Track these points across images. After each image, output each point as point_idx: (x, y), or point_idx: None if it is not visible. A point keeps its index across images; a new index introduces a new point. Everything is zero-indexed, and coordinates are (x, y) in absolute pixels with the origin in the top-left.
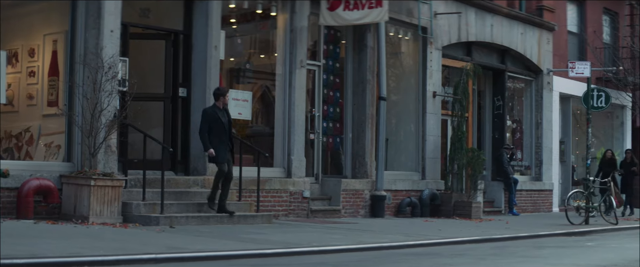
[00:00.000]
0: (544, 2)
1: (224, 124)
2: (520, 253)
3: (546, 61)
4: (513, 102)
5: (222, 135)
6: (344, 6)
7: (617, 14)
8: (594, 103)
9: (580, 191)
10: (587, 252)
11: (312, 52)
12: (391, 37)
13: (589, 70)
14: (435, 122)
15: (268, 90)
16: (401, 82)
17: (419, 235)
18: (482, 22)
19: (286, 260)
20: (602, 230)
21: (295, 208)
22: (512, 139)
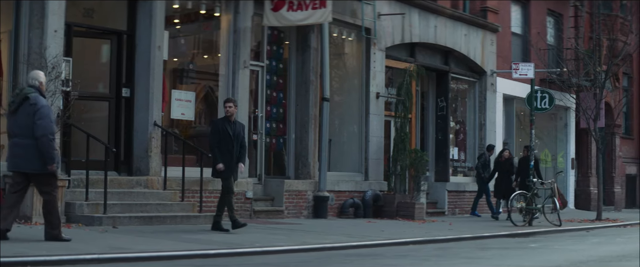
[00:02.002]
0: (487, 4)
1: (230, 136)
2: (464, 254)
3: (490, 62)
4: (456, 104)
5: (229, 147)
6: (287, 7)
7: (561, 16)
8: (538, 104)
9: (524, 193)
10: (530, 254)
11: (256, 53)
12: (335, 38)
13: (532, 72)
14: (378, 123)
15: (211, 90)
16: (344, 83)
17: (361, 236)
18: (426, 23)
19: (229, 260)
20: (546, 231)
21: (238, 209)
22: (455, 140)
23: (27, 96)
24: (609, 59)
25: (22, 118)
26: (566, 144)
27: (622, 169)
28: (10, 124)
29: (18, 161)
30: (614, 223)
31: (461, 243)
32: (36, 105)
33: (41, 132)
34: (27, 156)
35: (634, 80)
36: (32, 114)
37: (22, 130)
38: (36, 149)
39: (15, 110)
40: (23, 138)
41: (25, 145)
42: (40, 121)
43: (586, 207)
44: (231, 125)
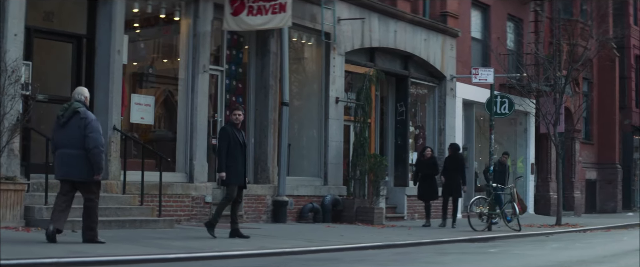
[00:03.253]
0: (447, 8)
1: (239, 143)
2: (423, 259)
3: (449, 67)
4: (416, 108)
5: (237, 154)
6: (247, 11)
7: (521, 21)
8: (497, 109)
9: (483, 197)
10: (489, 259)
11: (215, 57)
12: (294, 43)
13: (492, 77)
14: (337, 128)
15: (171, 94)
16: (304, 88)
17: (321, 240)
18: (386, 27)
19: (188, 265)
20: (505, 236)
21: (197, 213)
22: (414, 145)
23: (77, 110)
24: (569, 64)
25: (73, 131)
26: (526, 149)
27: (581, 174)
28: (59, 136)
29: (67, 170)
30: (574, 228)
31: (420, 248)
32: (87, 120)
33: (93, 144)
34: (76, 165)
35: (594, 85)
36: (82, 127)
37: (71, 142)
38: (84, 159)
39: (65, 123)
40: (72, 149)
41: (75, 155)
42: (92, 134)
43: (546, 212)
44: (239, 133)
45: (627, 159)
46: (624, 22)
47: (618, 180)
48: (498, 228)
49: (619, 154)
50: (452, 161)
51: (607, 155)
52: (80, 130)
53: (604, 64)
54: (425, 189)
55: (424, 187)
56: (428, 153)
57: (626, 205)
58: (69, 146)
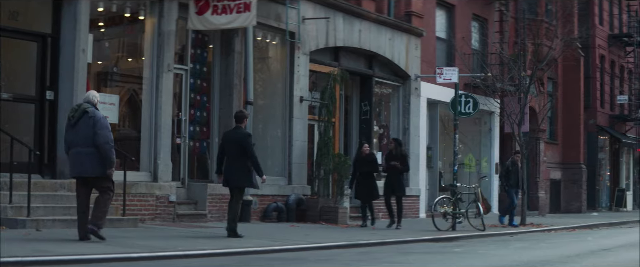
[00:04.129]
0: (412, 8)
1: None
2: (386, 259)
3: (414, 67)
4: (380, 108)
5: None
6: (212, 10)
7: (486, 20)
8: (462, 109)
9: (447, 197)
10: (453, 258)
11: (180, 56)
12: (259, 42)
13: (456, 76)
14: (302, 127)
15: (135, 94)
16: (268, 87)
17: (285, 240)
18: (350, 27)
19: (152, 264)
20: (470, 236)
21: (161, 212)
22: (378, 145)
23: (86, 110)
24: (533, 64)
25: (83, 130)
26: (490, 149)
27: (546, 174)
28: (71, 136)
29: (80, 168)
30: (538, 228)
31: (384, 247)
32: (95, 118)
33: (103, 140)
34: (89, 162)
35: (559, 85)
36: (92, 125)
37: (83, 141)
38: (95, 156)
39: (75, 123)
40: (85, 147)
41: (87, 153)
42: (101, 131)
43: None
44: None
45: (592, 159)
46: (589, 22)
47: (583, 180)
48: (462, 228)
49: (583, 154)
50: (395, 157)
51: (571, 155)
52: (90, 129)
53: (569, 64)
54: (363, 189)
55: (361, 187)
56: (366, 149)
57: (591, 205)
58: (81, 144)
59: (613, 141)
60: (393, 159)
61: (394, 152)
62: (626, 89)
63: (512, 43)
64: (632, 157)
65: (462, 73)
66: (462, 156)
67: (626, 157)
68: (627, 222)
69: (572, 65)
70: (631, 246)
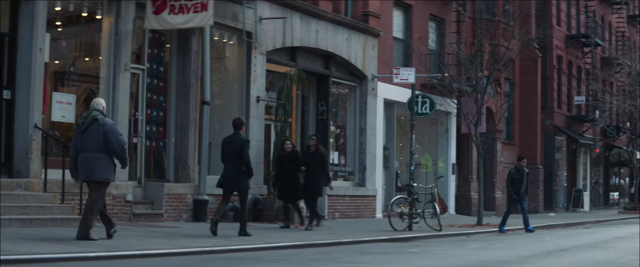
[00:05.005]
0: (369, 8)
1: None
2: (343, 259)
3: (371, 67)
4: (337, 108)
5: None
6: (169, 10)
7: (443, 21)
8: (419, 109)
9: (404, 197)
10: (410, 259)
11: (137, 56)
12: (216, 42)
13: (413, 77)
14: (258, 127)
15: (92, 93)
16: (225, 87)
17: (241, 240)
18: (307, 27)
19: (109, 264)
20: (426, 236)
21: (118, 212)
22: (335, 145)
23: (96, 118)
24: (490, 64)
25: (92, 136)
26: (447, 149)
27: (503, 174)
28: (80, 141)
29: (89, 172)
30: (495, 228)
31: (341, 247)
32: (106, 126)
33: (118, 147)
34: (97, 167)
35: (516, 85)
36: (102, 132)
37: (92, 146)
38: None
39: (85, 130)
40: (93, 152)
41: (95, 158)
42: (114, 139)
43: (467, 212)
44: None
45: (549, 160)
46: (547, 23)
47: (540, 180)
48: (419, 228)
49: (540, 154)
50: (313, 156)
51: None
52: (100, 136)
53: (526, 64)
54: (285, 188)
55: (284, 186)
56: (288, 146)
57: (548, 205)
58: (90, 150)
59: (570, 142)
60: (311, 157)
61: (311, 150)
62: (583, 90)
63: (469, 43)
64: (589, 158)
65: (419, 73)
66: (418, 156)
67: (583, 157)
68: (584, 223)
69: (530, 66)
70: (588, 247)
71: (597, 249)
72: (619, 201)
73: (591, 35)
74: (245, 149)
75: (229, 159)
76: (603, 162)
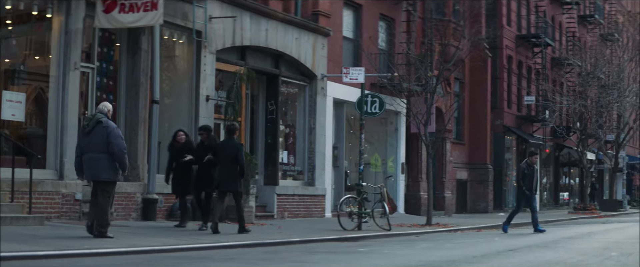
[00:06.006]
0: (319, 8)
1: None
2: (292, 258)
3: (320, 66)
4: (286, 107)
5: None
6: (119, 9)
7: (393, 20)
8: (368, 109)
9: (353, 197)
10: (359, 258)
11: (87, 54)
12: (166, 41)
13: (363, 76)
14: None
15: (42, 91)
16: (175, 86)
17: (190, 239)
18: (257, 26)
19: (58, 262)
20: (375, 236)
21: (67, 210)
22: (285, 144)
23: (100, 120)
24: (440, 64)
25: (97, 138)
26: (396, 149)
27: (452, 174)
28: (85, 143)
29: (94, 172)
30: (444, 228)
31: (290, 247)
32: (108, 128)
33: (118, 149)
34: (101, 167)
35: (466, 85)
36: (105, 135)
37: (96, 147)
38: (107, 161)
39: (89, 131)
40: (97, 153)
41: (100, 158)
42: (116, 141)
43: (416, 212)
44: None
45: (499, 160)
46: (497, 23)
47: (489, 180)
48: (368, 227)
49: (490, 154)
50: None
51: (478, 155)
52: (103, 138)
53: (476, 64)
54: (179, 182)
55: (177, 179)
56: (181, 137)
57: (497, 205)
58: (94, 150)
59: (520, 142)
60: (205, 150)
61: (206, 143)
62: (533, 90)
63: (419, 43)
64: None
65: (369, 73)
66: (368, 156)
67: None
68: None
69: (480, 66)
70: (538, 247)
71: (547, 249)
72: (569, 201)
73: (541, 36)
74: (241, 153)
75: (225, 161)
76: (553, 162)
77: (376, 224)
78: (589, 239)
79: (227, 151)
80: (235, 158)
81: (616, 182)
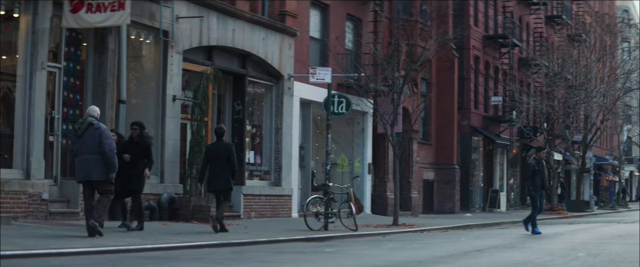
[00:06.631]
0: (286, 8)
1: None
2: (258, 258)
3: (287, 66)
4: (253, 107)
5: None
6: (86, 8)
7: (360, 20)
8: (335, 109)
9: (320, 197)
10: (326, 258)
11: (54, 54)
12: (133, 41)
13: (329, 76)
14: (174, 126)
15: (9, 91)
16: (142, 86)
17: (157, 239)
18: (224, 26)
19: (24, 262)
20: (342, 236)
21: (34, 210)
22: (251, 144)
23: (91, 123)
24: (407, 64)
25: (89, 140)
26: (363, 149)
27: (419, 174)
28: (77, 145)
29: (87, 173)
30: (411, 228)
31: (257, 247)
32: (100, 129)
33: (108, 148)
34: (94, 167)
35: (433, 85)
36: (97, 136)
37: (88, 149)
38: (100, 162)
39: (82, 134)
40: (90, 154)
41: (93, 159)
42: (106, 141)
43: (383, 213)
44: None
45: (466, 160)
46: (464, 23)
47: (456, 181)
48: (335, 228)
49: (457, 154)
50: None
51: (445, 155)
52: (95, 139)
53: (443, 64)
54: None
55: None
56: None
57: (464, 206)
58: (87, 152)
59: (487, 142)
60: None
61: (135, 140)
62: (500, 90)
63: (386, 43)
64: (506, 158)
65: (336, 73)
66: (334, 156)
67: (500, 158)
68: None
69: (447, 66)
70: (504, 247)
71: (514, 249)
72: None
73: (509, 36)
74: (233, 153)
75: (216, 163)
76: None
77: (343, 224)
78: (556, 239)
79: (219, 153)
80: (227, 158)
81: (583, 183)
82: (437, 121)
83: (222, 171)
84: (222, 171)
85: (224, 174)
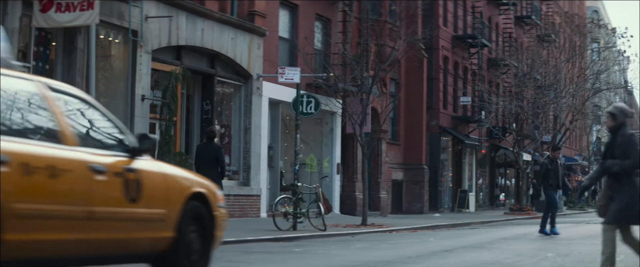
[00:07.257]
0: (255, 8)
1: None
2: (227, 258)
3: (256, 66)
4: (222, 107)
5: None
6: (55, 8)
7: (329, 20)
8: (304, 109)
9: (289, 197)
10: (294, 258)
11: (23, 54)
12: (102, 40)
13: (298, 76)
14: (143, 126)
15: None
16: (111, 85)
17: None
18: (193, 26)
19: None
20: (310, 236)
21: None
22: (220, 144)
23: None
24: (376, 64)
25: None
26: (332, 149)
27: (388, 174)
28: None
29: None
30: (380, 228)
31: (225, 247)
32: None
33: None
34: None
35: (402, 86)
36: None
37: None
38: None
39: None
40: None
41: None
42: None
43: (352, 213)
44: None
45: (434, 160)
46: (433, 23)
47: (425, 181)
48: (303, 228)
49: (425, 154)
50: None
51: (413, 156)
52: None
53: (412, 64)
54: None
55: None
56: None
57: (433, 206)
58: None
59: (456, 142)
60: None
61: None
62: (469, 90)
63: (355, 43)
64: (475, 159)
65: (305, 73)
66: (303, 156)
67: (469, 158)
68: (469, 224)
69: (415, 66)
70: (473, 247)
71: (483, 249)
72: (505, 202)
73: (478, 36)
74: (222, 155)
75: (206, 164)
76: (489, 163)
77: (311, 224)
78: (524, 239)
79: (207, 154)
80: (216, 159)
81: None
82: (406, 121)
83: (210, 172)
84: (209, 172)
85: (212, 174)
